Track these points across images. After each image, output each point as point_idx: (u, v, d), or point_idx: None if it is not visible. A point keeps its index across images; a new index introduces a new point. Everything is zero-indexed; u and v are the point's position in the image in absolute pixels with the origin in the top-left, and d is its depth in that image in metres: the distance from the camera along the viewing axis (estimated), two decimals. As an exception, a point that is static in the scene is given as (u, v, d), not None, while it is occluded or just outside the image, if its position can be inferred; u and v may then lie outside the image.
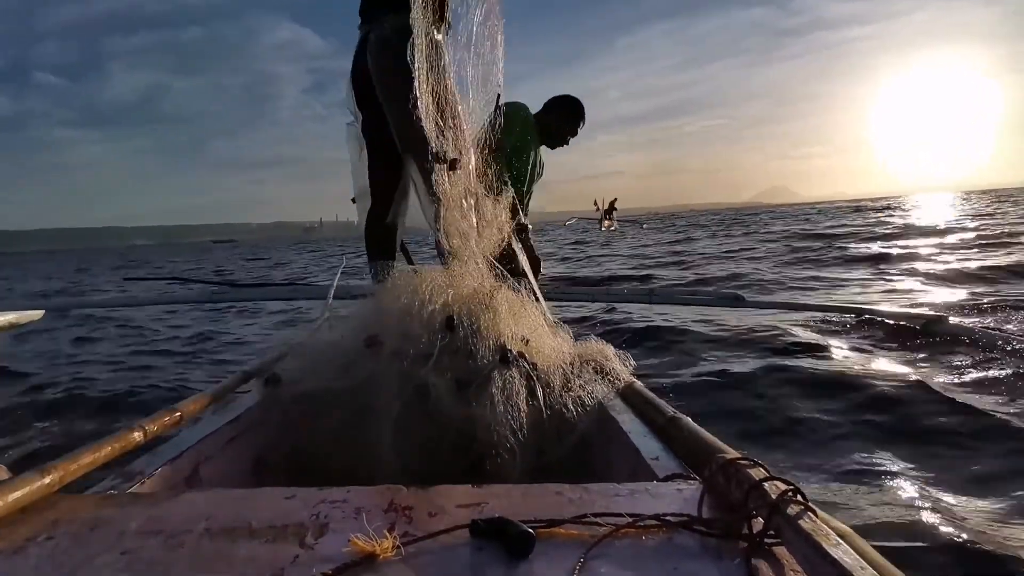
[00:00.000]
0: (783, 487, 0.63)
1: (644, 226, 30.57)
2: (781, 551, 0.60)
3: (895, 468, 1.92)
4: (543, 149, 3.19)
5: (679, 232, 21.37)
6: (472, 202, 1.98)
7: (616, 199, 28.34)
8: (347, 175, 2.38)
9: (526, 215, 2.95)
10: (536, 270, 2.97)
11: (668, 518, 0.65)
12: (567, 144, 3.18)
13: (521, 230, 2.92)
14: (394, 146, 2.06)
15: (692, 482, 0.81)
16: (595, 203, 28.60)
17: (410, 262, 2.63)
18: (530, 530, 0.60)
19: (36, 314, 3.50)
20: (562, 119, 3.09)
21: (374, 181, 2.19)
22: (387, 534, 0.60)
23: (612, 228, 26.40)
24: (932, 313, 1.66)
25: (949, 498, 1.70)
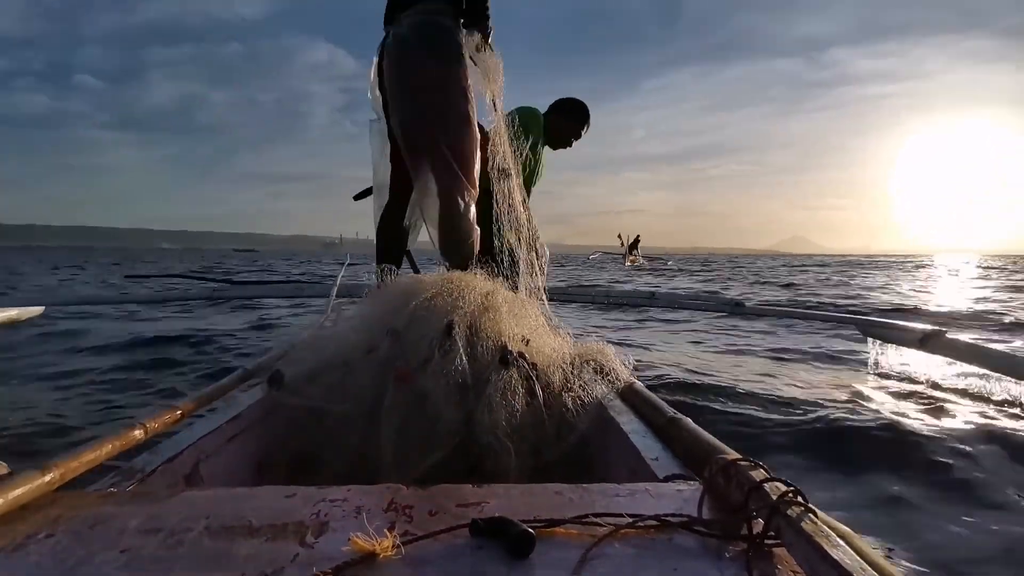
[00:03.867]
0: (783, 488, 0.63)
1: (669, 263, 30.59)
2: (781, 552, 0.60)
3: (886, 473, 1.92)
4: (545, 150, 3.20)
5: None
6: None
7: (639, 235, 28.00)
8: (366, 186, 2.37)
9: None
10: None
11: (668, 519, 0.65)
12: (569, 146, 3.20)
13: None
14: None
15: (692, 483, 0.80)
16: (619, 237, 28.25)
17: (413, 264, 2.63)
18: (530, 530, 0.60)
19: (36, 310, 3.50)
20: (568, 122, 3.11)
21: (395, 179, 2.19)
22: (387, 533, 0.60)
23: (637, 264, 25.83)
24: (931, 327, 1.65)
25: (943, 502, 1.70)
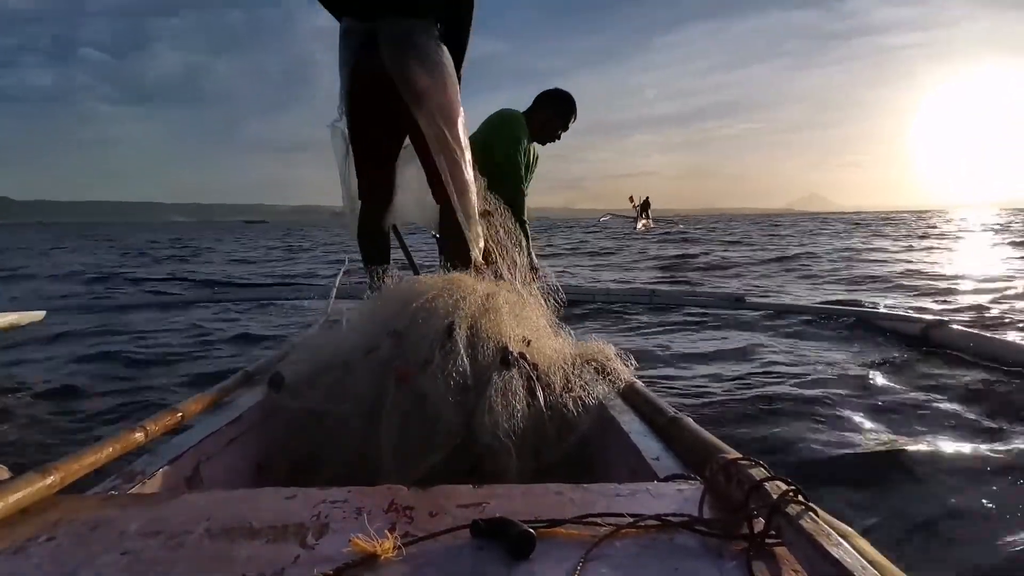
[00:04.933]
0: (784, 487, 0.63)
1: (681, 225, 30.75)
2: (782, 551, 0.60)
3: (884, 472, 1.92)
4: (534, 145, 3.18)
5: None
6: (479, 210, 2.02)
7: (648, 197, 27.90)
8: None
9: (523, 214, 2.95)
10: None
11: (669, 518, 0.65)
12: (558, 139, 3.15)
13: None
14: (386, 145, 2.06)
15: (693, 482, 0.80)
16: (631, 199, 27.96)
17: (407, 254, 2.62)
18: (531, 530, 0.60)
19: (37, 315, 3.51)
20: (552, 116, 3.04)
21: (365, 181, 2.16)
22: (388, 534, 0.60)
23: (649, 227, 25.55)
24: (932, 317, 1.63)
25: (942, 502, 1.70)
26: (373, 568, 0.57)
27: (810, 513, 0.58)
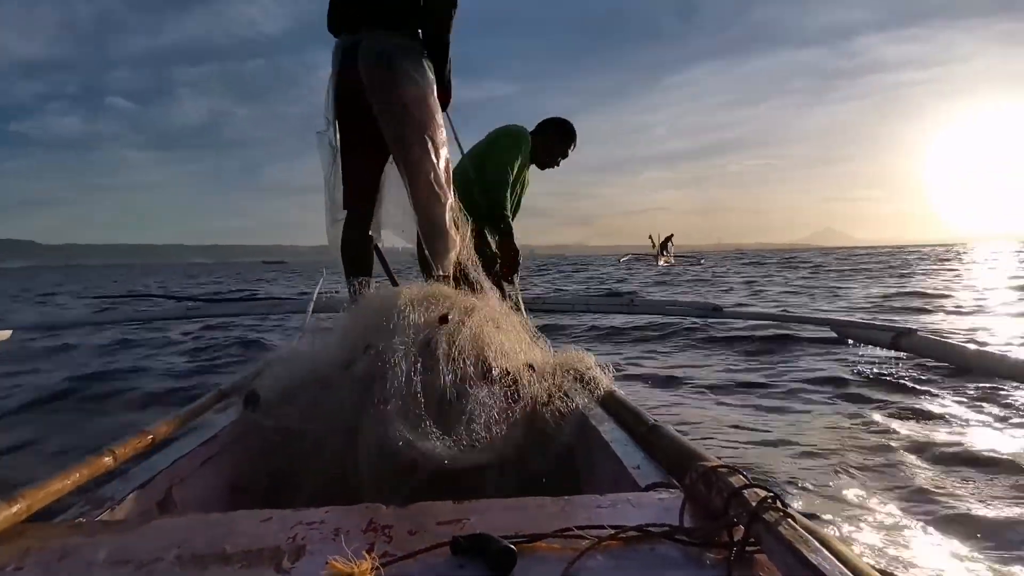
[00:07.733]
0: (762, 494, 0.63)
1: (702, 262, 28.83)
2: (762, 558, 0.60)
3: (861, 479, 1.95)
4: (532, 169, 3.23)
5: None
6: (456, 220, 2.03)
7: (672, 235, 27.08)
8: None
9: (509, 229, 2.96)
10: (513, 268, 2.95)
11: (650, 528, 0.65)
12: (557, 166, 3.24)
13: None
14: (372, 153, 2.08)
15: (673, 491, 0.81)
16: (649, 238, 27.51)
17: (388, 270, 2.60)
18: (511, 546, 0.60)
19: (3, 334, 3.40)
20: (555, 141, 3.15)
21: (350, 188, 2.16)
22: (366, 555, 0.59)
23: (670, 264, 24.76)
24: (901, 326, 1.69)
25: (912, 507, 1.73)
26: None
27: (788, 520, 0.59)
